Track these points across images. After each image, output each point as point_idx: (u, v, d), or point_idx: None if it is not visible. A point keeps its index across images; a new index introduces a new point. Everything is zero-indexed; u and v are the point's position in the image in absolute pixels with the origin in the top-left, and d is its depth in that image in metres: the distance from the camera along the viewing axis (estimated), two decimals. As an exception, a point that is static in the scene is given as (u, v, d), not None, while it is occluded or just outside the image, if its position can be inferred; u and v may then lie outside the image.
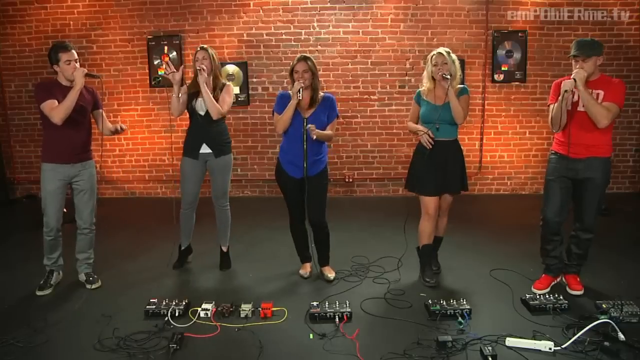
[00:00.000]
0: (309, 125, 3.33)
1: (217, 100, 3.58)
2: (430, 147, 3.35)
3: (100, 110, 3.58)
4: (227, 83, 3.72)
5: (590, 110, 3.07)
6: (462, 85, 3.43)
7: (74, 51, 3.35)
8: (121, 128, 3.64)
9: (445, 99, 3.34)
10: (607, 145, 3.20)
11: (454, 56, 3.37)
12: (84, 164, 3.50)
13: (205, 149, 3.67)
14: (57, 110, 3.25)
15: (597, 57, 3.08)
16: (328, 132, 3.46)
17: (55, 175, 3.40)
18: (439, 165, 3.39)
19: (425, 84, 3.44)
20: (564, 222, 3.34)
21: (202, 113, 3.61)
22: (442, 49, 3.36)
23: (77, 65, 3.35)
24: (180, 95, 3.57)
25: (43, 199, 3.43)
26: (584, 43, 3.11)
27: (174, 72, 3.52)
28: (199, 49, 3.61)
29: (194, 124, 3.69)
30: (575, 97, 3.15)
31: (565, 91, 3.06)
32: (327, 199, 3.59)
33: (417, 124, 3.51)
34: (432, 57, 3.36)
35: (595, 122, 3.09)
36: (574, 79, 3.04)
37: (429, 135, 3.35)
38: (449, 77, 3.28)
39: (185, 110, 3.68)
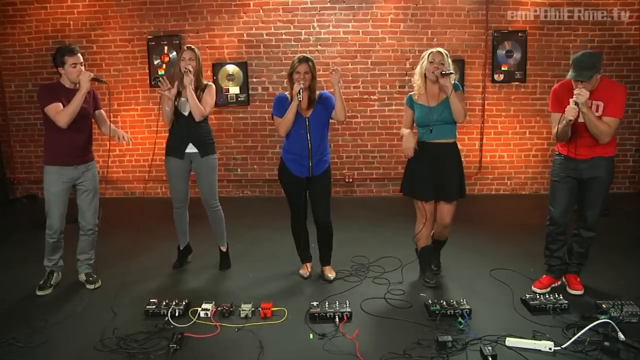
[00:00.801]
0: (335, 68, 3.33)
1: (199, 100, 3.56)
2: (413, 155, 3.30)
3: (101, 111, 3.58)
4: (209, 83, 3.68)
5: (592, 130, 3.06)
6: (454, 82, 3.31)
7: (79, 55, 3.35)
8: (123, 137, 3.56)
9: (439, 97, 3.28)
10: (611, 144, 3.19)
11: (450, 61, 3.28)
12: (87, 165, 3.50)
13: (191, 149, 3.65)
14: (62, 115, 3.25)
15: (597, 73, 3.01)
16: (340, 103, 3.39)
17: (59, 177, 3.39)
18: (436, 169, 3.34)
19: (416, 81, 3.34)
20: (569, 222, 3.35)
21: (186, 113, 3.59)
22: (441, 49, 3.26)
23: (83, 68, 3.35)
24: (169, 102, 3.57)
25: (47, 202, 3.42)
26: (583, 64, 2.97)
27: (169, 88, 3.49)
28: (185, 48, 3.58)
29: (178, 124, 3.65)
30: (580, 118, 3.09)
31: (569, 120, 3.01)
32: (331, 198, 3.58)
33: (412, 129, 3.45)
34: (429, 54, 3.26)
35: (598, 139, 3.08)
36: (576, 103, 2.95)
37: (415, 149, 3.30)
38: (452, 72, 3.18)
39: None
